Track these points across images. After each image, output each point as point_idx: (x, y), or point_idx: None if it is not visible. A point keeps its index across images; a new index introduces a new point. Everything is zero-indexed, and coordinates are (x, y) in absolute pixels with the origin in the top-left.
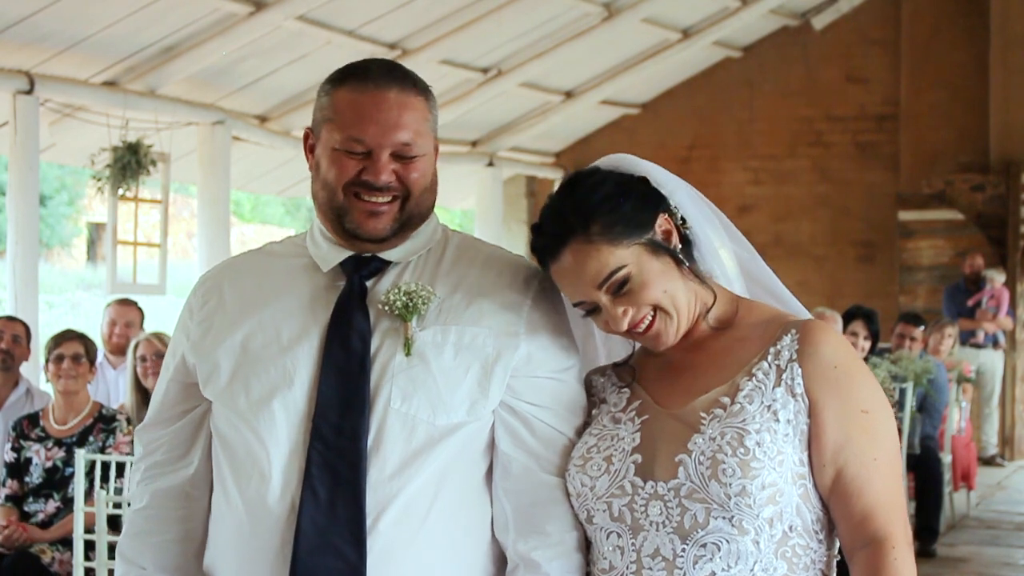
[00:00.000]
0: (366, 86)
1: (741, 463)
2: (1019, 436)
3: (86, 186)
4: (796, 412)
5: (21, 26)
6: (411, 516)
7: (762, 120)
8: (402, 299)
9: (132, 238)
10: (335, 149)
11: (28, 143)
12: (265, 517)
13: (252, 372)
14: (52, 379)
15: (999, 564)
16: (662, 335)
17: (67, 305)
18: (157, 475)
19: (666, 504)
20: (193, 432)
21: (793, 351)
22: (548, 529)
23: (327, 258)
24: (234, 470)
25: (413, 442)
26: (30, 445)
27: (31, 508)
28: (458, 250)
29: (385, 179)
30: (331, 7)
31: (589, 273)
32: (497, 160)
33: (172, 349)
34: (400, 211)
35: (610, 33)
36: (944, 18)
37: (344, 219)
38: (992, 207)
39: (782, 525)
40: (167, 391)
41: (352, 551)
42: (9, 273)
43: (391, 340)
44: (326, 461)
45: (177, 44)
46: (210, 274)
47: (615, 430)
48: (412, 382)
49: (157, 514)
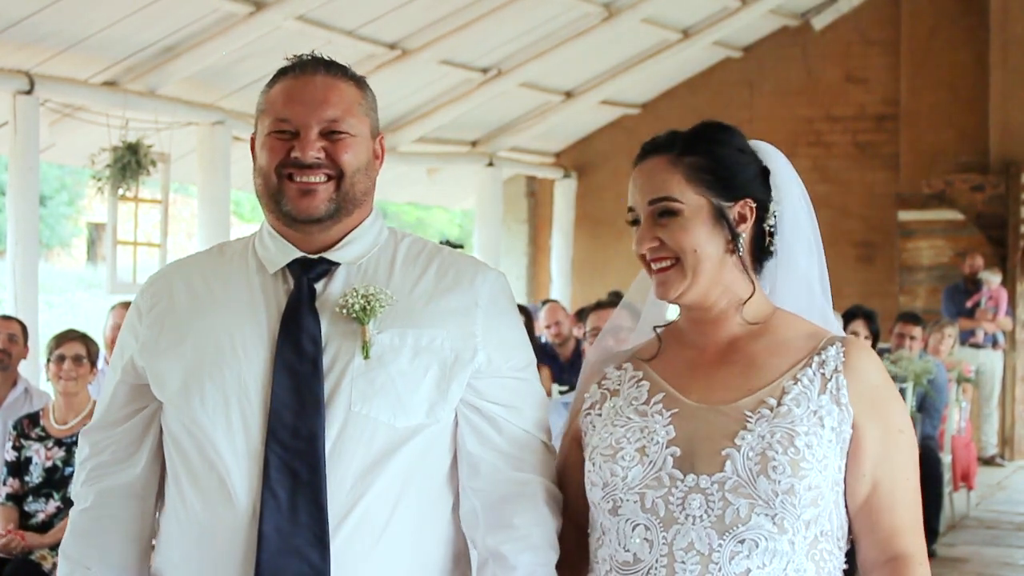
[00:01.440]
0: (295, 74)
1: (792, 462)
2: (1019, 436)
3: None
4: (840, 421)
5: (21, 26)
6: (374, 518)
7: (762, 120)
8: (360, 302)
9: (132, 238)
10: (266, 135)
11: (28, 143)
12: (226, 521)
13: (206, 376)
14: (52, 379)
15: (999, 564)
16: (668, 286)
17: (67, 305)
18: (104, 475)
19: (707, 498)
20: (141, 432)
21: (839, 363)
22: (516, 523)
23: (274, 259)
24: (190, 474)
25: (374, 445)
26: (30, 444)
27: (31, 508)
28: (409, 251)
29: (313, 155)
30: (331, 7)
31: (652, 183)
32: (497, 160)
33: (119, 351)
34: (335, 191)
35: (610, 33)
36: (944, 18)
37: (281, 202)
38: (992, 207)
39: (816, 528)
40: (115, 393)
41: (315, 554)
42: (9, 273)
43: (348, 343)
44: (284, 463)
45: (177, 44)
46: (159, 275)
47: (644, 422)
48: (371, 385)
49: (103, 514)
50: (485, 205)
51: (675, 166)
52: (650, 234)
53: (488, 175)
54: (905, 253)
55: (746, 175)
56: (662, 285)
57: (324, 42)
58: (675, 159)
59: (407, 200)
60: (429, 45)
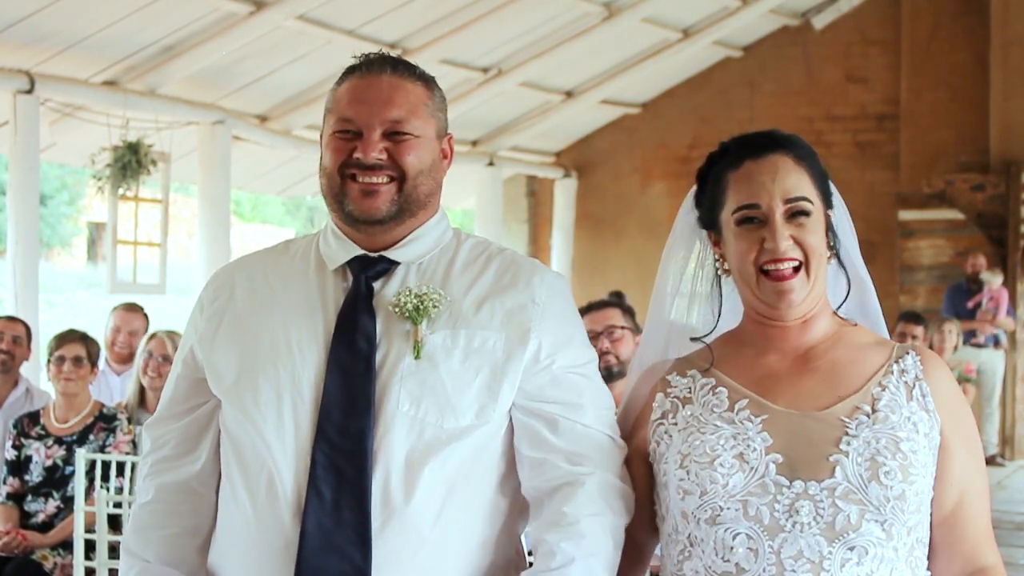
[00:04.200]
0: (362, 73)
1: (902, 467)
2: (1019, 436)
3: (86, 186)
4: (931, 427)
5: (21, 26)
6: (419, 520)
7: (762, 120)
8: (413, 301)
9: (132, 238)
10: (331, 135)
11: (28, 143)
12: (272, 517)
13: (260, 372)
14: (53, 379)
15: None
16: (792, 293)
17: (67, 305)
18: (164, 470)
19: (817, 504)
20: (202, 428)
21: (919, 371)
22: (564, 510)
23: (334, 257)
24: (243, 470)
25: (420, 445)
26: (30, 443)
27: (31, 507)
28: (470, 253)
29: (375, 156)
30: (331, 7)
31: (787, 182)
32: (497, 160)
33: (182, 344)
34: (398, 192)
35: (610, 33)
36: (944, 18)
37: (344, 203)
38: (992, 207)
39: (915, 535)
40: (177, 386)
41: (357, 553)
42: (9, 273)
43: (400, 343)
44: (331, 462)
45: (177, 44)
46: (223, 270)
47: (735, 429)
48: (421, 385)
49: (163, 508)
50: (485, 205)
51: (800, 164)
52: (786, 233)
53: (488, 175)
54: (905, 253)
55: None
56: (784, 294)
57: (324, 42)
58: (798, 160)
59: None
60: (429, 45)
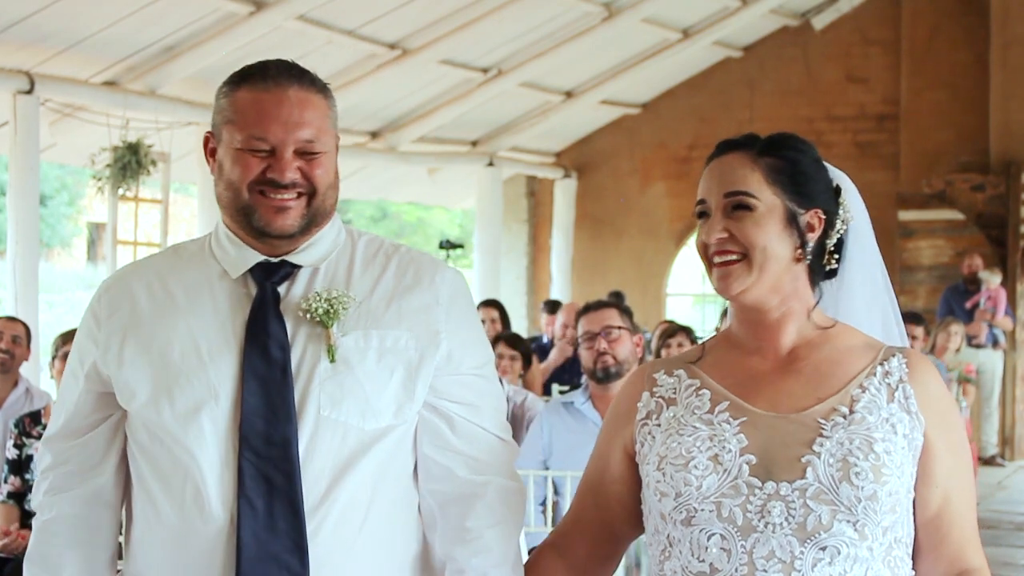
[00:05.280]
0: (266, 85)
1: (874, 468)
2: (1019, 436)
3: (86, 186)
4: (912, 428)
5: (21, 26)
6: (349, 521)
7: (762, 120)
8: (323, 305)
9: (132, 238)
10: (238, 149)
11: (28, 143)
12: (202, 529)
13: (175, 385)
14: (56, 377)
15: (999, 564)
16: (731, 279)
17: (67, 305)
18: (69, 484)
19: (788, 505)
20: (107, 441)
21: (903, 373)
22: (468, 525)
23: (235, 264)
24: (163, 484)
25: (345, 448)
26: (31, 443)
27: (32, 507)
28: (367, 250)
29: (290, 176)
30: (331, 7)
31: (729, 177)
32: (497, 160)
33: (80, 358)
34: (307, 207)
35: (610, 33)
36: (944, 18)
37: (252, 217)
38: (992, 207)
39: (892, 534)
40: (79, 401)
41: (295, 560)
42: (9, 273)
43: (313, 347)
44: (259, 471)
45: (177, 44)
46: (115, 281)
47: (712, 431)
48: (340, 388)
49: (71, 523)
50: (485, 205)
51: (755, 163)
52: (720, 225)
53: (488, 175)
54: (905, 253)
55: (820, 186)
56: (724, 278)
57: (324, 42)
58: (755, 157)
59: (407, 200)
60: (429, 45)
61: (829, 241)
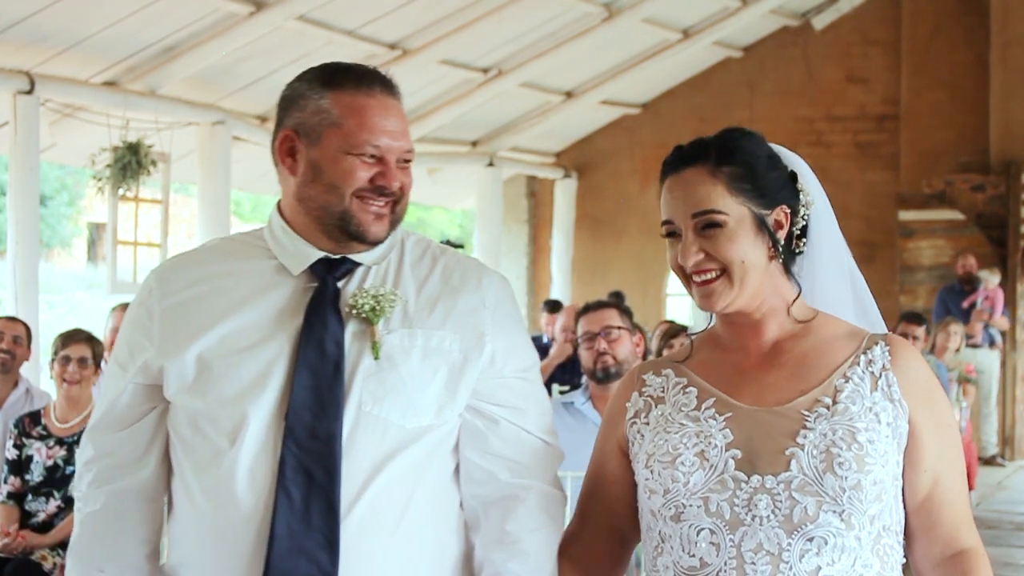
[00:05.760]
0: (371, 91)
1: (857, 457)
2: (1019, 436)
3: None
4: (895, 416)
5: (21, 26)
6: (384, 520)
7: (762, 120)
8: (369, 302)
9: (132, 238)
10: (347, 154)
11: (28, 143)
12: (234, 518)
13: (223, 375)
14: (56, 379)
15: (999, 564)
16: (714, 296)
17: (67, 305)
18: (113, 477)
19: (774, 498)
20: (151, 433)
21: (886, 361)
22: (507, 528)
23: (295, 259)
24: (199, 474)
25: (384, 445)
26: (31, 443)
27: (32, 507)
28: (414, 251)
29: (396, 185)
30: (331, 7)
31: (694, 197)
32: (497, 160)
33: (127, 350)
34: (392, 214)
35: (610, 33)
36: (944, 18)
37: (349, 223)
38: (992, 207)
39: (880, 523)
40: (124, 392)
41: (325, 556)
42: (9, 273)
43: (359, 343)
44: (300, 463)
45: (177, 44)
46: (165, 271)
47: (699, 427)
48: (382, 385)
49: (114, 516)
50: (485, 205)
51: (715, 177)
52: (695, 247)
53: (488, 175)
54: (906, 253)
55: (779, 181)
56: (708, 297)
57: (324, 42)
58: (714, 169)
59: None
60: (429, 45)
61: (795, 229)
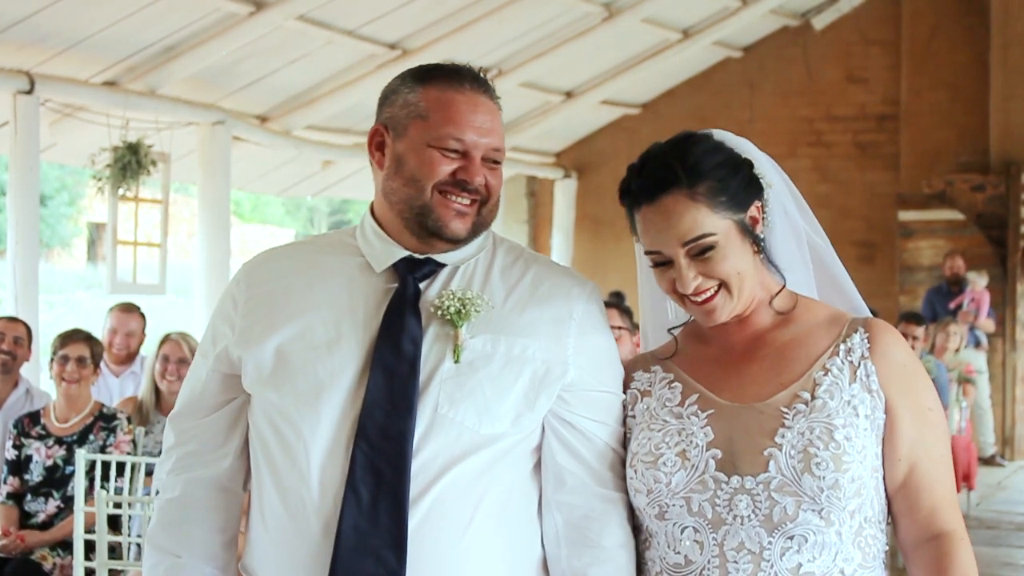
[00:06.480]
0: (461, 87)
1: (834, 457)
2: (1019, 436)
3: (86, 186)
4: (873, 408)
5: (21, 26)
6: (453, 524)
7: (762, 120)
8: (456, 305)
9: (132, 238)
10: (429, 146)
11: (28, 143)
12: (303, 515)
13: (299, 369)
14: (55, 378)
15: (999, 564)
16: (717, 311)
17: (67, 305)
18: (192, 465)
19: (754, 498)
20: (231, 423)
21: (864, 349)
22: (604, 544)
23: (380, 257)
24: (271, 467)
25: (457, 448)
26: (31, 443)
27: (31, 507)
28: (506, 257)
29: (479, 181)
30: (331, 7)
31: (681, 227)
32: None
33: (212, 338)
34: (477, 215)
35: (610, 33)
36: (944, 18)
37: (428, 217)
38: (992, 207)
39: (860, 516)
40: (207, 380)
41: (392, 556)
42: (9, 273)
43: (440, 345)
44: (370, 462)
45: (177, 44)
46: (255, 264)
47: (681, 425)
48: (460, 389)
49: (191, 504)
50: None
51: (695, 200)
52: (692, 273)
53: None
54: (906, 253)
55: (745, 181)
56: (711, 312)
57: (324, 42)
58: (690, 192)
59: None
60: (429, 45)
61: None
